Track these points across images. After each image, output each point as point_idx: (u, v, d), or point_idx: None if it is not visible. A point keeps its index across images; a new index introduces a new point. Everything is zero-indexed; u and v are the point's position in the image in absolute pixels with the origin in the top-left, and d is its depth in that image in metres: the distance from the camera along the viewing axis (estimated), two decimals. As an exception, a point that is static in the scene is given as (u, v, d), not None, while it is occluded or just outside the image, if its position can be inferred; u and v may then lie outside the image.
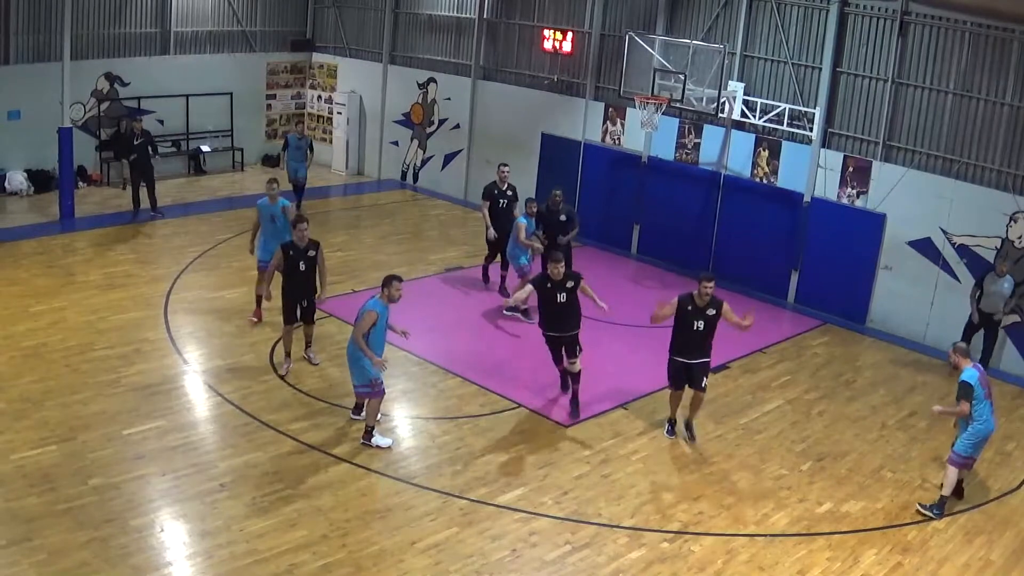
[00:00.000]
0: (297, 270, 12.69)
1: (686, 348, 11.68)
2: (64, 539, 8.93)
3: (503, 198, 16.71)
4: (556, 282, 12.06)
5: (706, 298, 11.39)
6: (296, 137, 20.72)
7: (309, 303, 13.09)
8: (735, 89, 17.67)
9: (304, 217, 13.25)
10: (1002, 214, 15.13)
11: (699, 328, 11.49)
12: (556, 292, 12.07)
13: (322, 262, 12.97)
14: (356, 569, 8.95)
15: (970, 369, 10.59)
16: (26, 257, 16.99)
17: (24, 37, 20.87)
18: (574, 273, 12.32)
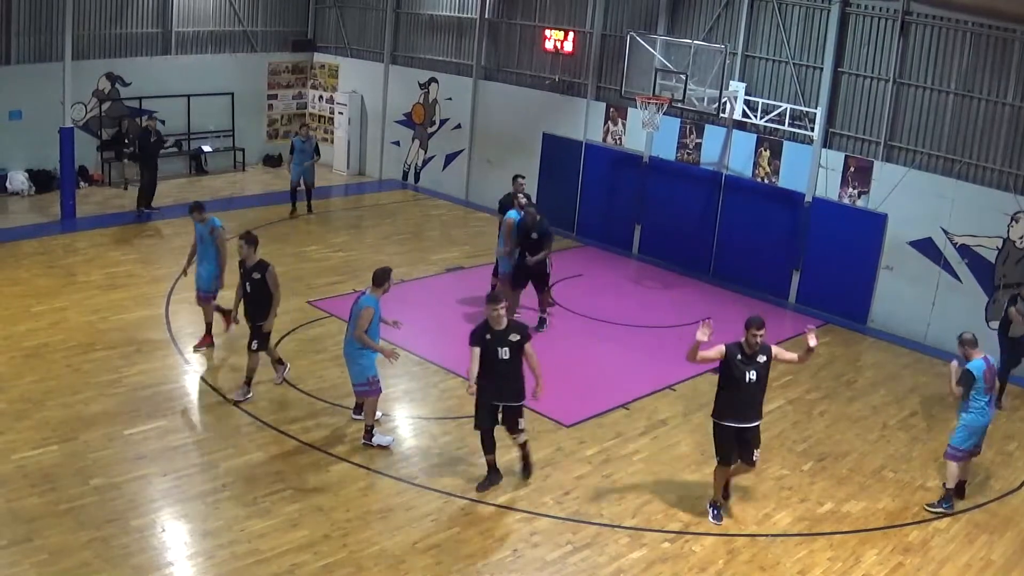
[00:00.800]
0: (244, 290, 12.01)
1: (737, 408, 9.86)
2: (65, 539, 8.93)
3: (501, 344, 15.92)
4: (496, 333, 9.96)
5: (756, 346, 9.82)
6: (301, 140, 20.56)
7: (252, 328, 12.04)
8: (736, 89, 17.67)
9: (249, 237, 11.97)
10: (1003, 214, 15.13)
11: (751, 380, 9.75)
12: (496, 346, 9.92)
13: (274, 287, 11.87)
14: (357, 569, 8.95)
15: (979, 360, 10.66)
16: (27, 257, 17.00)
17: (25, 37, 20.90)
18: (520, 325, 10.25)
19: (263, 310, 11.89)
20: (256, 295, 11.87)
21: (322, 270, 17.53)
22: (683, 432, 12.34)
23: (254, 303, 11.92)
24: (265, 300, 11.85)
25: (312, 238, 19.60)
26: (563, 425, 12.23)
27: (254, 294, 11.88)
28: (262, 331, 12.00)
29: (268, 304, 11.87)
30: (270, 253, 18.09)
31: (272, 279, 11.81)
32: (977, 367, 10.64)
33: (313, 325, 14.81)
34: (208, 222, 13.43)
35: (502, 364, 9.95)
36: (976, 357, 10.69)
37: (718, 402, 9.98)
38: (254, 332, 12.01)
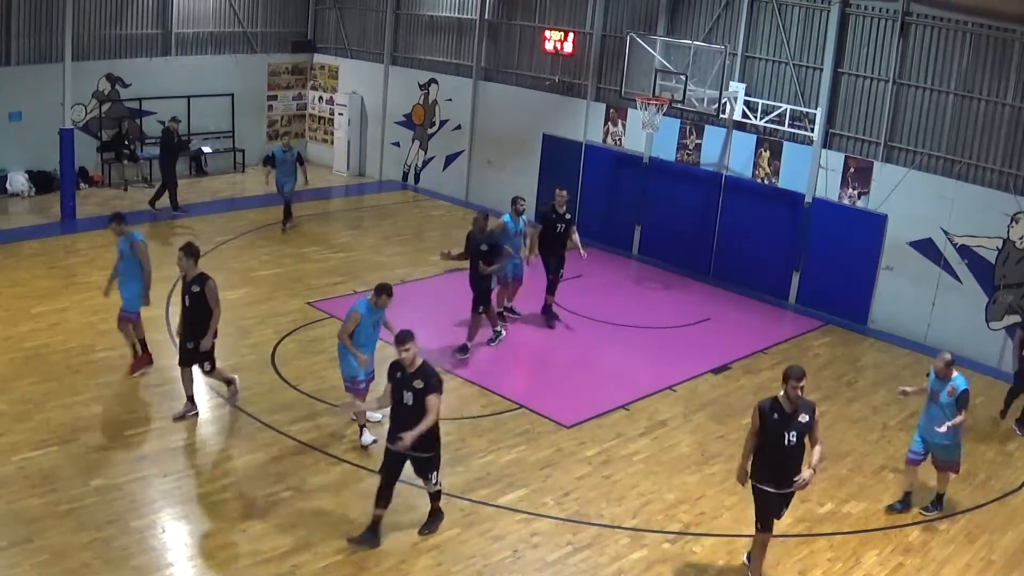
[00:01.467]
0: (183, 304, 11.26)
1: (778, 471, 8.66)
2: (65, 540, 8.93)
3: (560, 222, 15.28)
4: (405, 374, 8.93)
5: (796, 401, 8.56)
6: (282, 150, 19.56)
7: (195, 346, 11.26)
8: (736, 90, 17.68)
9: (189, 249, 11.24)
10: (1003, 214, 15.13)
11: (791, 443, 8.54)
12: (402, 388, 8.92)
13: (214, 302, 11.09)
14: (358, 570, 8.95)
15: (961, 376, 10.43)
16: (27, 258, 17.00)
17: (25, 38, 20.90)
18: (430, 372, 8.94)
19: (203, 327, 11.14)
20: (195, 310, 11.12)
21: (322, 271, 17.53)
22: (683, 433, 12.34)
23: (193, 319, 11.19)
24: (204, 316, 11.11)
25: (312, 239, 19.59)
26: (563, 426, 12.22)
27: (193, 309, 11.15)
28: (202, 352, 11.26)
29: (207, 320, 11.12)
30: (270, 254, 18.25)
31: (211, 293, 11.05)
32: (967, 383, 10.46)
33: (313, 326, 14.81)
34: (128, 236, 12.48)
35: (405, 408, 8.87)
36: (958, 372, 10.46)
37: (756, 464, 8.78)
38: (198, 354, 11.28)
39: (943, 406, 10.29)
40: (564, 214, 15.27)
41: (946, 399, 10.27)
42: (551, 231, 15.30)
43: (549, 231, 15.32)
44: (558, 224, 15.25)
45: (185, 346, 11.32)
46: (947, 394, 10.26)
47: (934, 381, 10.44)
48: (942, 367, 10.30)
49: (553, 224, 15.26)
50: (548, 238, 15.35)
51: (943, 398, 10.30)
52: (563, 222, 15.28)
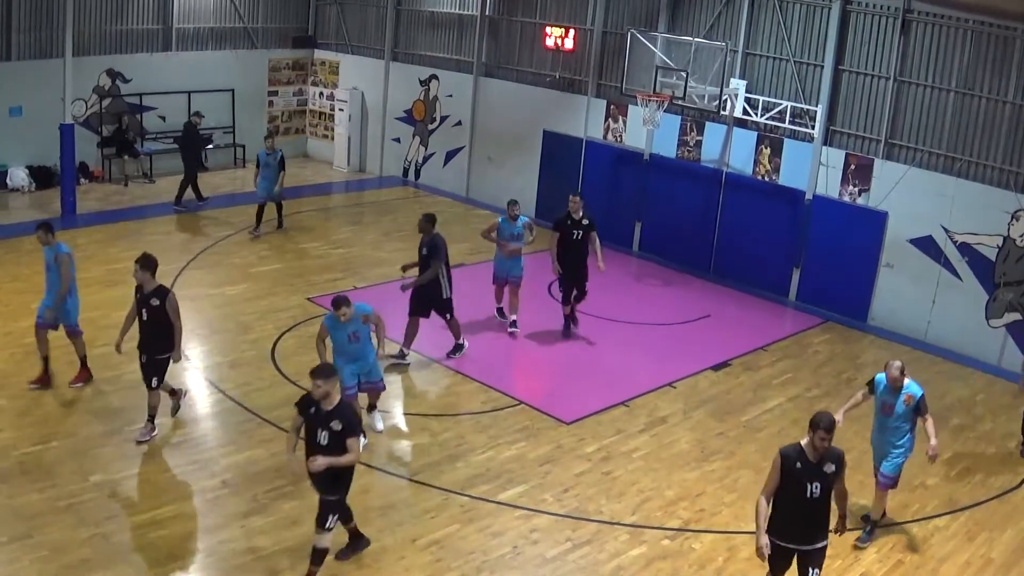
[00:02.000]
0: (140, 318, 10.71)
1: (793, 524, 7.90)
2: (65, 535, 8.94)
3: (577, 229, 14.36)
4: (320, 411, 8.12)
5: (821, 449, 7.78)
6: (266, 152, 18.80)
7: (148, 361, 10.75)
8: (737, 87, 17.68)
9: (146, 260, 10.66)
10: (1004, 212, 15.12)
11: (814, 495, 7.77)
12: (317, 426, 8.15)
13: (175, 315, 10.59)
14: (357, 566, 8.95)
15: (914, 381, 9.90)
16: (28, 254, 16.95)
17: (26, 33, 20.88)
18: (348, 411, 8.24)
19: (162, 341, 10.64)
20: (154, 324, 10.58)
21: (322, 267, 17.53)
22: (683, 429, 12.35)
23: (152, 333, 10.62)
24: (165, 330, 10.59)
25: (312, 235, 19.59)
26: (563, 422, 12.23)
27: (151, 323, 10.58)
28: (162, 365, 10.82)
29: (167, 335, 10.61)
30: (271, 250, 18.24)
31: (172, 306, 10.57)
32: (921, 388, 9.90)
33: (313, 322, 14.77)
34: (54, 247, 11.75)
35: (319, 448, 8.14)
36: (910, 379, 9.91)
37: (775, 516, 7.94)
38: (154, 366, 10.76)
39: (899, 416, 9.75)
40: (581, 220, 14.35)
41: (902, 408, 9.73)
42: (567, 238, 14.41)
43: (565, 240, 14.42)
44: (574, 231, 14.36)
45: (140, 359, 10.81)
46: (903, 403, 9.72)
47: (885, 392, 9.86)
48: (896, 375, 9.74)
49: (569, 231, 14.39)
50: (565, 248, 14.46)
51: (899, 408, 9.73)
52: (580, 229, 14.36)
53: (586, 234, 14.43)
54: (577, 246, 14.44)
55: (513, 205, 14.75)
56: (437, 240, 13.32)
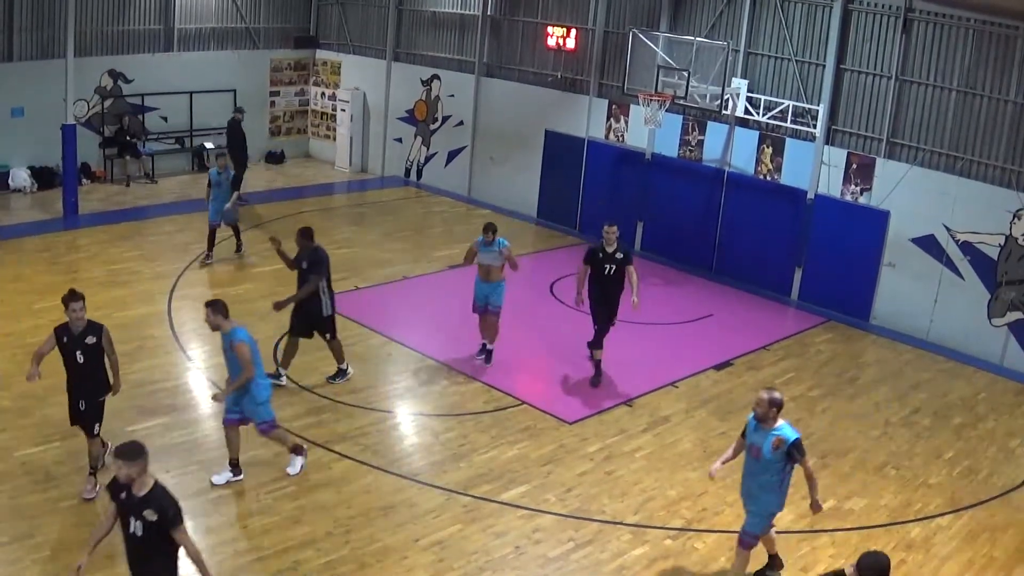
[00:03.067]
0: (74, 361, 9.48)
1: None
2: (67, 536, 8.95)
3: (610, 263, 12.92)
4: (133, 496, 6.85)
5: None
6: (217, 172, 17.18)
7: (89, 406, 9.66)
8: (739, 86, 17.67)
9: (78, 294, 9.47)
10: (1005, 211, 15.11)
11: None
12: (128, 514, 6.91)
13: (111, 350, 9.69)
14: (359, 566, 8.95)
15: (788, 424, 8.42)
16: (29, 254, 17.01)
17: (28, 34, 20.90)
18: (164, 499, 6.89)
19: (102, 382, 9.73)
20: (91, 365, 9.55)
21: (324, 267, 17.51)
22: (685, 429, 12.34)
23: (90, 376, 9.58)
24: (101, 367, 9.66)
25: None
26: (565, 422, 12.23)
27: (89, 364, 9.53)
28: (103, 408, 9.82)
29: (105, 373, 9.74)
30: (271, 250, 18.07)
31: (109, 341, 9.63)
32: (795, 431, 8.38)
33: (315, 322, 14.80)
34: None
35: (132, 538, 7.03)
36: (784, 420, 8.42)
37: None
38: (96, 410, 9.72)
39: (767, 463, 8.30)
40: (614, 253, 12.88)
41: (770, 453, 8.25)
42: (599, 273, 12.98)
43: (597, 273, 12.99)
44: (606, 265, 12.90)
45: (77, 407, 9.68)
46: (772, 447, 8.23)
47: (755, 432, 8.39)
48: (764, 407, 8.23)
49: (600, 265, 12.92)
50: (597, 282, 13.04)
51: (766, 452, 8.26)
52: (612, 263, 12.90)
53: (620, 268, 12.96)
54: (610, 282, 12.98)
55: (488, 231, 13.21)
56: (319, 254, 12.44)
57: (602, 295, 13.10)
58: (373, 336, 14.47)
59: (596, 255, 12.99)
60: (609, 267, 12.95)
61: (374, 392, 12.74)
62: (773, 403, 8.22)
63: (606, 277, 12.96)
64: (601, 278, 12.99)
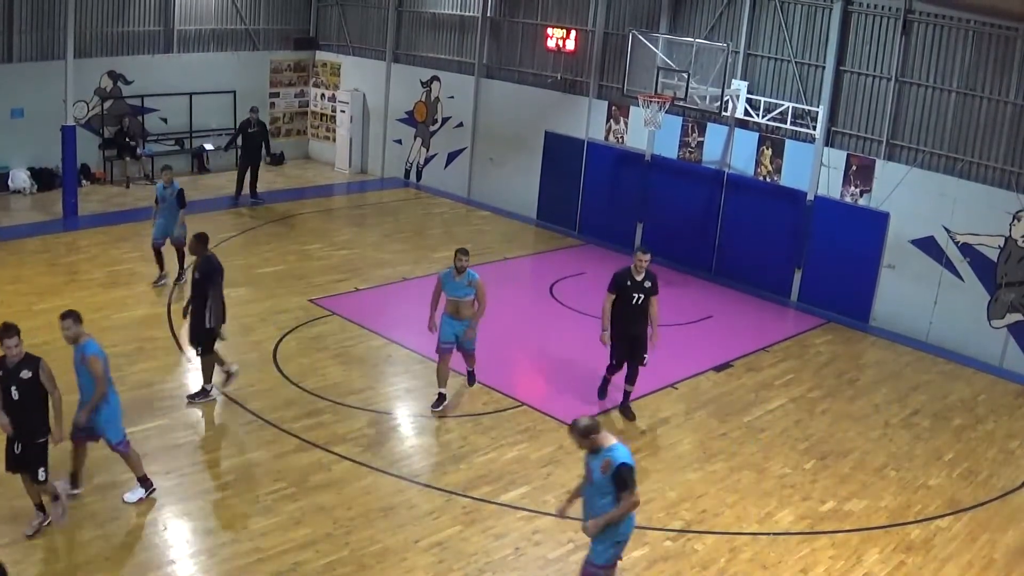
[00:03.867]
0: (9, 398, 8.68)
1: None
2: (67, 537, 8.94)
3: (639, 292, 11.92)
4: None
5: None
6: (163, 186, 15.85)
7: (27, 448, 8.79)
8: (738, 87, 17.67)
9: (12, 329, 8.66)
10: (1005, 212, 15.12)
11: None
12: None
13: (52, 385, 8.80)
14: (359, 567, 8.95)
15: (622, 445, 7.64)
16: (29, 255, 17.01)
17: (27, 35, 20.90)
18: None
19: (40, 420, 8.84)
20: (27, 401, 8.71)
21: (324, 268, 17.54)
22: (685, 431, 12.34)
23: (26, 411, 8.73)
24: (40, 404, 8.79)
25: (314, 236, 19.60)
26: (565, 423, 12.19)
27: (24, 399, 8.69)
28: (45, 449, 8.93)
29: (43, 409, 8.82)
30: (271, 251, 18.25)
31: (48, 375, 8.79)
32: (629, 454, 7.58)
33: (315, 323, 14.82)
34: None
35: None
36: (615, 441, 7.62)
37: None
38: (36, 453, 8.85)
39: (598, 486, 7.58)
40: (643, 282, 11.92)
41: (599, 475, 7.53)
42: (626, 303, 11.94)
43: (623, 303, 11.95)
44: (635, 295, 11.89)
45: (12, 449, 8.84)
46: (600, 470, 7.52)
47: (588, 453, 7.70)
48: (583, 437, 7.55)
49: (629, 295, 11.91)
50: (621, 312, 12.01)
51: (596, 475, 7.58)
52: (641, 292, 11.93)
53: (647, 298, 12.03)
54: (636, 313, 12.02)
55: (461, 255, 11.82)
56: (212, 263, 11.71)
57: (625, 329, 12.06)
58: (373, 337, 14.48)
59: (624, 283, 11.91)
60: (637, 297, 11.92)
61: (374, 393, 12.74)
62: (579, 433, 7.53)
63: (633, 308, 11.95)
64: (626, 309, 11.96)
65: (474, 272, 11.92)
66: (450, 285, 11.89)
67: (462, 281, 11.85)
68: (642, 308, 12.02)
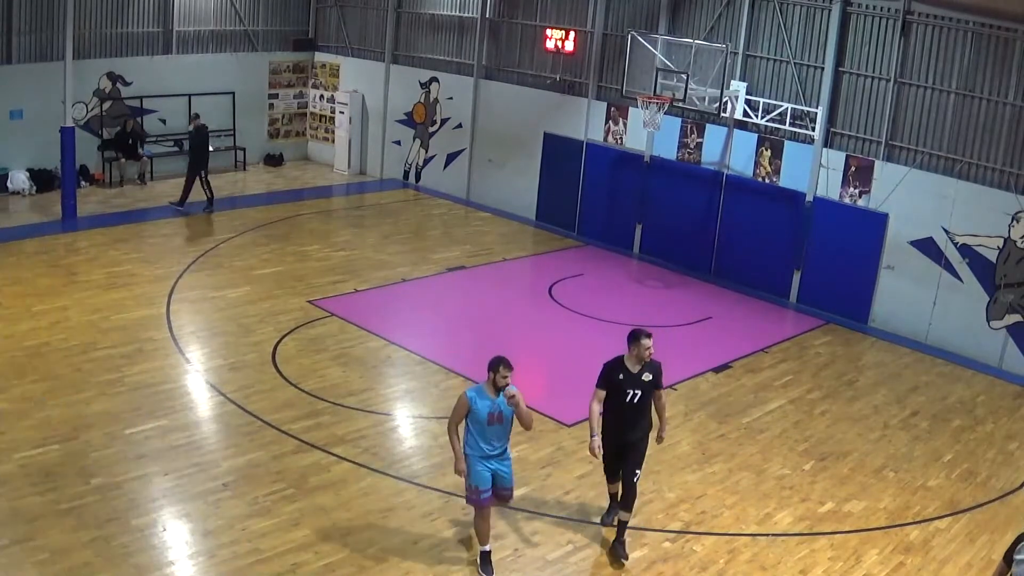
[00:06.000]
0: None
1: None
2: (66, 538, 8.93)
3: (634, 388, 9.23)
4: None
5: None
6: None
7: None
8: (737, 89, 17.67)
9: None
10: (1004, 214, 15.12)
11: None
12: None
13: None
14: (358, 569, 8.95)
15: None
16: (28, 256, 17.00)
17: (26, 36, 20.89)
18: None
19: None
20: None
21: (323, 269, 17.53)
22: (684, 431, 12.34)
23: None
24: None
25: (313, 237, 19.59)
26: (564, 424, 12.22)
27: None
28: None
29: None
30: (271, 252, 18.26)
31: None
32: None
33: (314, 324, 14.82)
34: None
35: None
36: None
37: None
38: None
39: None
40: (641, 374, 9.24)
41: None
42: (618, 400, 9.28)
43: (615, 400, 9.29)
44: (629, 391, 9.23)
45: None
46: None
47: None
48: None
49: (622, 389, 9.24)
50: (613, 413, 9.32)
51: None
52: (638, 387, 9.25)
53: (646, 393, 9.35)
54: (633, 415, 9.31)
55: (504, 368, 8.77)
56: None
57: (617, 435, 9.37)
58: (372, 339, 14.47)
59: (615, 375, 9.28)
60: (632, 393, 9.24)
61: (373, 394, 12.74)
62: None
63: (626, 406, 9.25)
64: (619, 408, 9.28)
65: (512, 385, 8.81)
66: (482, 406, 8.72)
67: (499, 399, 8.76)
68: (640, 408, 9.31)
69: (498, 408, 8.76)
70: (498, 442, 8.94)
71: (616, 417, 9.33)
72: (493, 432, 8.86)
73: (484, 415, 8.73)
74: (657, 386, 9.45)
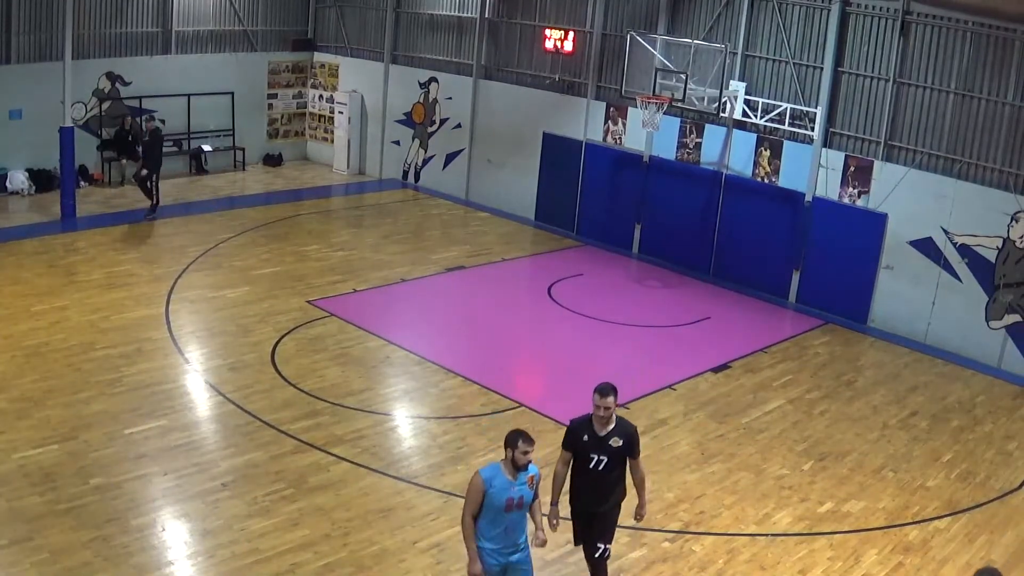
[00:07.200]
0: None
1: None
2: (65, 538, 8.93)
3: (599, 452, 7.92)
4: None
5: None
6: None
7: None
8: (736, 89, 17.67)
9: None
10: (1003, 214, 15.12)
11: None
12: None
13: None
14: (357, 568, 8.95)
15: None
16: (28, 256, 17.00)
17: (25, 36, 20.89)
18: None
19: None
20: None
21: (322, 269, 17.53)
22: (683, 432, 12.34)
23: None
24: None
25: (312, 237, 19.59)
26: (563, 425, 12.16)
27: None
28: None
29: None
30: (270, 253, 18.26)
31: None
32: None
33: (313, 324, 14.82)
34: None
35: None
36: None
37: None
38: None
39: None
40: (608, 438, 7.92)
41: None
42: (582, 465, 8.05)
43: (580, 464, 8.07)
44: (593, 455, 7.95)
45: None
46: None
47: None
48: None
49: (586, 454, 7.99)
50: (580, 475, 8.12)
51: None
52: (603, 452, 7.93)
53: (615, 460, 7.99)
54: (599, 483, 8.06)
55: (525, 443, 7.34)
56: None
57: (585, 503, 8.19)
58: (371, 339, 14.47)
59: (580, 438, 8.00)
60: (598, 459, 7.93)
61: (372, 394, 12.74)
62: None
63: (592, 473, 7.98)
64: (584, 474, 8.03)
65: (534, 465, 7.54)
66: (500, 490, 7.34)
67: (519, 481, 7.41)
68: (608, 476, 8.01)
69: (519, 492, 7.35)
70: (515, 533, 7.50)
71: (583, 483, 8.07)
72: (511, 520, 7.42)
73: (502, 500, 7.29)
74: (630, 455, 8.03)
